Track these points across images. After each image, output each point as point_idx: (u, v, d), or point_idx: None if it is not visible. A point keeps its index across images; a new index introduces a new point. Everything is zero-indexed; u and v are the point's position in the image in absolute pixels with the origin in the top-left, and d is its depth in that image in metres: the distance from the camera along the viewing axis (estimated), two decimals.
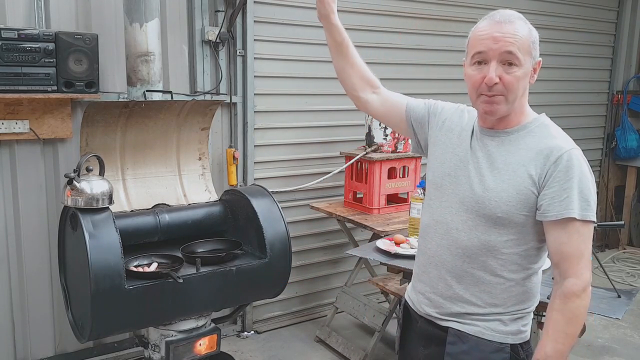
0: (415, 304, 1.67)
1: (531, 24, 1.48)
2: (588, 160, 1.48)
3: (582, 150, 1.48)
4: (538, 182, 1.43)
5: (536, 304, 1.59)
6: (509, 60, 1.41)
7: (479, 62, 1.45)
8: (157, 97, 2.81)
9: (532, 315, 1.59)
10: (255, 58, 3.46)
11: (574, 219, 1.38)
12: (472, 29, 1.50)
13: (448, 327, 1.56)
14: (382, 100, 1.77)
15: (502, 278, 1.50)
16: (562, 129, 1.52)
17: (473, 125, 1.58)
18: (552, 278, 1.56)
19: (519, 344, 1.54)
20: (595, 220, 1.41)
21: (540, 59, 1.49)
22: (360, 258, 3.44)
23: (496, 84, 1.42)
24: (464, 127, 1.60)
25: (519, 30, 1.42)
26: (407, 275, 2.80)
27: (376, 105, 1.78)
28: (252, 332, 3.73)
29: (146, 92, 2.77)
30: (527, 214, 1.45)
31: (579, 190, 1.39)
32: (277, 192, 3.49)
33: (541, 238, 1.48)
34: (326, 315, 3.77)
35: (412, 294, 1.69)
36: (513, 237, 1.47)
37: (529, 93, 1.53)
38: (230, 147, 3.47)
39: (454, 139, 1.60)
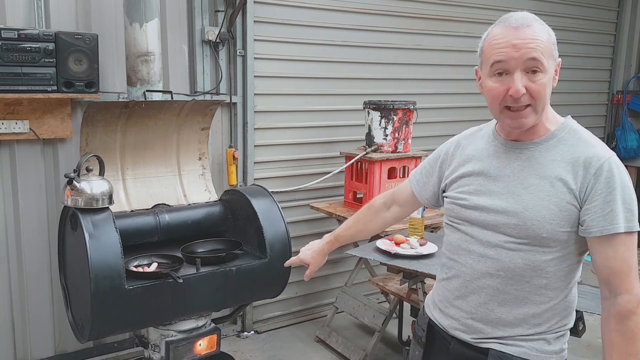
0: (446, 328, 1.55)
1: None
2: None
3: None
4: (579, 196, 1.33)
5: (574, 319, 1.51)
6: (533, 68, 1.32)
7: (500, 73, 1.35)
8: (157, 97, 2.81)
9: (569, 331, 1.51)
10: (255, 58, 3.46)
11: (620, 233, 1.30)
12: (484, 36, 1.40)
13: (489, 349, 1.45)
14: (400, 208, 1.80)
15: (547, 297, 1.42)
16: None
17: (490, 143, 1.49)
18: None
19: None
20: (639, 228, 1.33)
21: (560, 59, 1.39)
22: (360, 258, 3.44)
23: (523, 94, 1.32)
24: (479, 150, 1.51)
25: (539, 33, 1.32)
26: (406, 275, 2.80)
27: (401, 214, 1.83)
28: (252, 332, 3.73)
29: (146, 92, 2.77)
30: (571, 230, 1.35)
31: (623, 201, 1.31)
32: (277, 192, 3.49)
33: (581, 250, 1.40)
34: (326, 315, 3.77)
35: (441, 317, 1.57)
36: (558, 255, 1.38)
37: None
38: (230, 147, 3.47)
39: (475, 166, 1.50)
